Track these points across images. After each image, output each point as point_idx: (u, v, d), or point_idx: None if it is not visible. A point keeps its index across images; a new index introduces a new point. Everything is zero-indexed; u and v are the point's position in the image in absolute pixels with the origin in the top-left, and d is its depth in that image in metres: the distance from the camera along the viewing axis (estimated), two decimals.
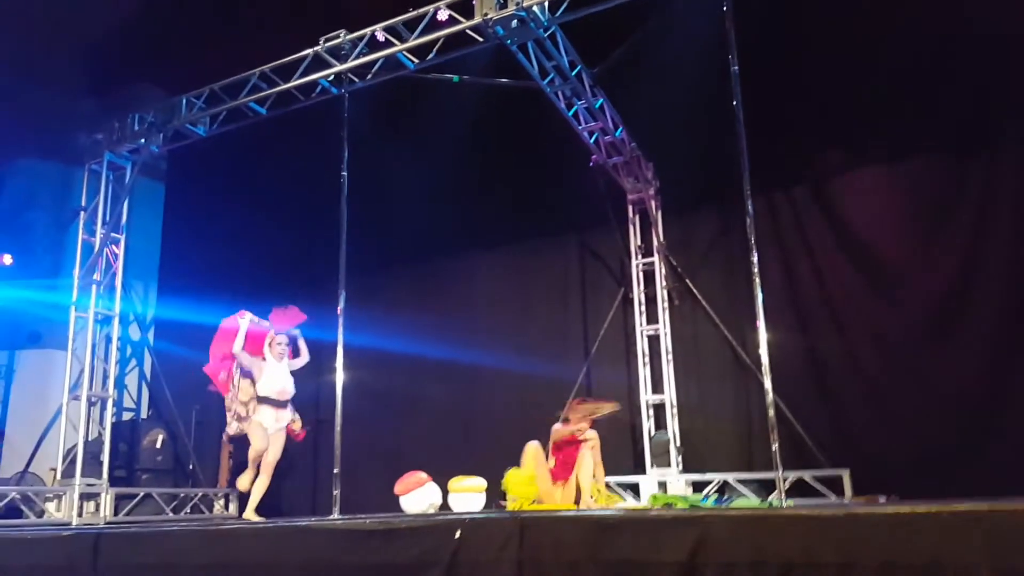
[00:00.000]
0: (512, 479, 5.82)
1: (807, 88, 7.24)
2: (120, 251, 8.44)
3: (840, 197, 7.20)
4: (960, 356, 6.36)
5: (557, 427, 5.91)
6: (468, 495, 6.60)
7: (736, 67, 5.33)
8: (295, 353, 6.87)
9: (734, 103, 5.27)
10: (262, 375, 6.58)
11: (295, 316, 6.87)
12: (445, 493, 6.70)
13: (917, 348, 6.58)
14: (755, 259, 5.06)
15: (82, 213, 8.38)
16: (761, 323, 4.91)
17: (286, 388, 6.67)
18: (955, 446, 6.13)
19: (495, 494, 6.37)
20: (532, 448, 5.82)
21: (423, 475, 6.71)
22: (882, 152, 7.01)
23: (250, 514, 6.47)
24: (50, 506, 7.55)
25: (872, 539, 2.97)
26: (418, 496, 6.58)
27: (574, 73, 6.80)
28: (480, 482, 6.66)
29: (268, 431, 6.52)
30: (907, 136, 6.83)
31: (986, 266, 6.42)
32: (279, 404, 6.63)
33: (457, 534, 3.67)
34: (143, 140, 8.11)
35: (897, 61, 6.83)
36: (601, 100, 7.31)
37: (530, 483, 5.72)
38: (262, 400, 6.57)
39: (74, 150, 8.56)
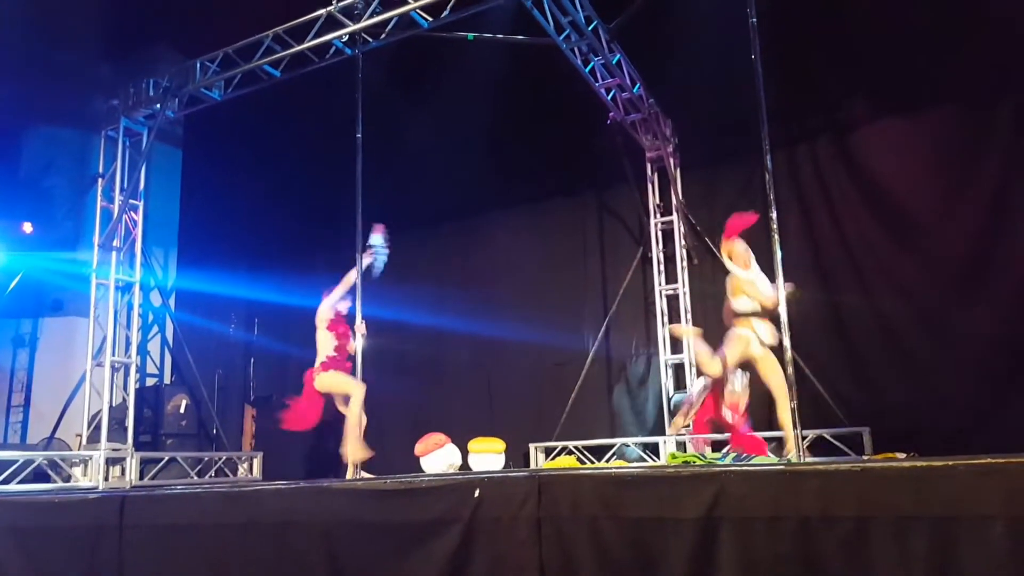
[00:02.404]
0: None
1: (828, 39, 7.08)
2: (139, 218, 8.46)
3: (863, 150, 7.05)
4: (984, 311, 6.25)
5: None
6: (487, 455, 6.67)
7: (754, 19, 5.20)
8: None
9: (752, 56, 5.15)
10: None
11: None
12: (465, 454, 6.76)
13: (941, 303, 6.48)
14: (774, 215, 4.99)
15: (100, 180, 8.40)
16: (780, 280, 4.85)
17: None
18: (979, 403, 6.06)
19: (515, 457, 6.42)
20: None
21: (442, 437, 6.77)
22: (905, 103, 6.84)
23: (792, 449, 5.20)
24: (76, 471, 7.67)
25: (889, 493, 2.94)
26: (438, 457, 6.65)
27: (590, 28, 6.67)
28: (499, 443, 6.73)
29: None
30: (931, 86, 6.66)
31: (1012, 219, 6.28)
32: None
33: (476, 493, 3.68)
34: (158, 105, 8.08)
35: (920, 8, 6.63)
36: (618, 56, 7.18)
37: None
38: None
39: (91, 116, 8.54)
